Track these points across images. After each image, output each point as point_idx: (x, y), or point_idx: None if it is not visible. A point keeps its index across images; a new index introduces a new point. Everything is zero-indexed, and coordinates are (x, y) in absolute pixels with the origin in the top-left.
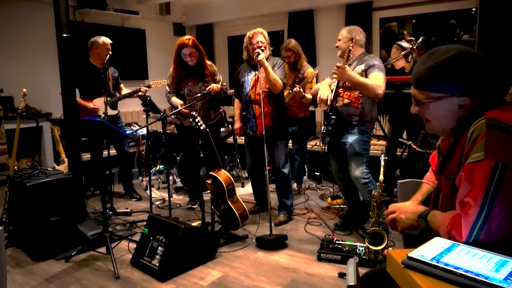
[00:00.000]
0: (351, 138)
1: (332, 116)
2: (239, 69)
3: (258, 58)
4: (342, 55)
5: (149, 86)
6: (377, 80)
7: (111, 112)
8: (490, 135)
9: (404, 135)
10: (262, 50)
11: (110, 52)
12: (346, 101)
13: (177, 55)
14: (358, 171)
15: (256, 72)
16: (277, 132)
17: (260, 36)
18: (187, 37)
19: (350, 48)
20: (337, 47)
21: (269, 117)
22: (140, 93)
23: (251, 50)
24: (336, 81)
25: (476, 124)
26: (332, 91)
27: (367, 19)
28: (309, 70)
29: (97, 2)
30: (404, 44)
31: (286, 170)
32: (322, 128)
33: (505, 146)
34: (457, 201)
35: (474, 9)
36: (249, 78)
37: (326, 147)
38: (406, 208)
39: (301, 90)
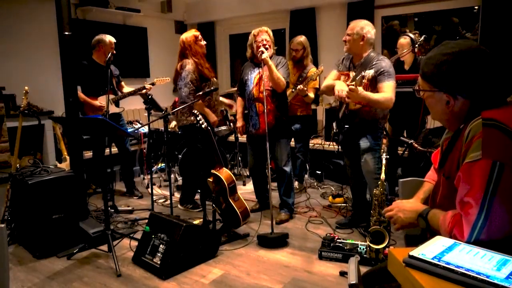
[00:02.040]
0: (364, 135)
1: (345, 126)
2: (242, 67)
3: (262, 57)
4: (350, 51)
5: (153, 84)
6: (388, 91)
7: (115, 110)
8: (487, 134)
9: (404, 135)
10: (266, 49)
11: (114, 51)
12: (357, 105)
13: (197, 44)
14: (371, 165)
15: (260, 70)
16: (279, 130)
17: (265, 34)
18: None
19: (361, 44)
20: (345, 41)
21: (272, 115)
22: (144, 91)
23: (255, 48)
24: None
25: (473, 123)
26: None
27: (369, 17)
28: (312, 70)
29: (99, 0)
30: (412, 35)
31: (288, 168)
32: (335, 129)
33: (502, 145)
34: (457, 200)
35: (476, 7)
36: (253, 76)
37: (339, 147)
38: (406, 207)
39: (305, 88)
